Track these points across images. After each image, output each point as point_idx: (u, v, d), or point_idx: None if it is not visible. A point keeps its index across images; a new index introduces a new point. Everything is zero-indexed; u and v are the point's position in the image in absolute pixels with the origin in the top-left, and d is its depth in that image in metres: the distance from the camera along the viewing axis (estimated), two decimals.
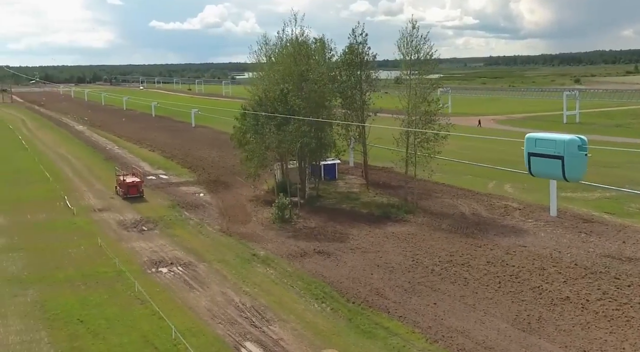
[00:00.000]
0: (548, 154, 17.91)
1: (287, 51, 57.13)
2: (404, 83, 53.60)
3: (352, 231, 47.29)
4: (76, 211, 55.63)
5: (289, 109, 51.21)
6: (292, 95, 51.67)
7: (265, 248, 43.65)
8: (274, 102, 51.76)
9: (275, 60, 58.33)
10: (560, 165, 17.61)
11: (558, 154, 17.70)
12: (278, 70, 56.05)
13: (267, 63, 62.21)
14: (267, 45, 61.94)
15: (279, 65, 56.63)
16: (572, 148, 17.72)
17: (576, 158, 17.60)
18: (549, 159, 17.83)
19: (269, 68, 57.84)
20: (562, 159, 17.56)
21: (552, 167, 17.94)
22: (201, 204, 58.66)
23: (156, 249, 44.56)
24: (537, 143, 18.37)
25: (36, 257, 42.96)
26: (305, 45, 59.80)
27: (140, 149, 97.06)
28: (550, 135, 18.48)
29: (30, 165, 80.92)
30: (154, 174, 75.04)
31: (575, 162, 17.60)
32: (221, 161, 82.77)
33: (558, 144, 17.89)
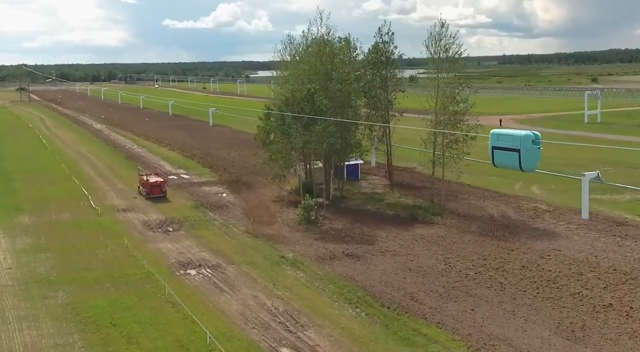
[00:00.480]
0: (507, 148, 20.38)
1: (312, 50, 56.47)
2: (432, 82, 52.79)
3: (379, 233, 46.72)
4: (100, 210, 55.39)
5: (315, 109, 50.65)
6: (319, 95, 51.08)
7: (294, 250, 43.17)
8: (301, 102, 51.22)
9: (300, 60, 57.71)
10: (517, 157, 19.88)
11: (515, 147, 20.03)
12: (303, 69, 55.44)
13: (291, 62, 61.67)
14: (291, 45, 61.37)
15: (305, 65, 56.03)
16: (527, 142, 20.06)
17: (530, 151, 19.83)
18: (508, 152, 20.19)
19: (295, 67, 57.22)
20: (519, 152, 19.82)
21: (511, 158, 20.30)
22: (225, 204, 58.27)
23: (183, 250, 44.19)
24: (499, 138, 20.84)
25: (64, 257, 42.70)
26: (330, 44, 59.24)
27: (159, 148, 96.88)
28: (509, 131, 20.70)
29: (52, 165, 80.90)
30: (175, 173, 74.76)
31: (529, 154, 19.82)
32: (241, 161, 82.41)
33: (515, 138, 20.11)
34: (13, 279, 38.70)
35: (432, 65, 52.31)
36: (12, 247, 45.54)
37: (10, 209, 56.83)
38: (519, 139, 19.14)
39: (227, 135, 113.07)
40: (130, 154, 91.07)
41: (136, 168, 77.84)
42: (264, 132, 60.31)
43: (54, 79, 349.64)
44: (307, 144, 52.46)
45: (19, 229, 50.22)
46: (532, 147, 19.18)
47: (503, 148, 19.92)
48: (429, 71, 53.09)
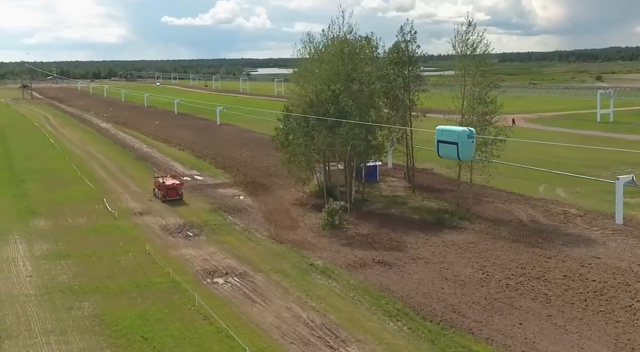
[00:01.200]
0: (449, 141, 23.41)
1: (334, 50, 55.10)
2: (457, 81, 51.46)
3: (407, 238, 45.46)
4: (117, 214, 54.04)
5: (340, 111, 49.31)
6: (343, 96, 49.73)
7: (322, 257, 41.88)
8: (326, 103, 49.88)
9: (321, 59, 56.34)
10: (456, 149, 23.06)
11: (454, 141, 23.04)
12: (325, 69, 54.07)
13: (309, 60, 60.28)
14: (311, 44, 60.01)
15: (326, 64, 54.66)
16: (464, 137, 23.00)
17: (466, 144, 23.05)
18: (449, 145, 23.33)
19: (317, 67, 55.82)
20: (457, 145, 22.94)
21: (451, 150, 23.47)
22: (243, 207, 56.98)
23: (207, 257, 42.92)
24: (443, 133, 23.90)
25: (85, 265, 41.41)
26: (350, 43, 57.94)
27: (169, 148, 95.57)
28: (450, 128, 24.17)
29: (62, 165, 79.55)
30: (188, 174, 73.41)
31: (465, 147, 23.12)
32: (254, 161, 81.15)
33: (454, 134, 23.17)
34: (35, 287, 37.41)
35: (459, 65, 50.91)
36: (31, 253, 44.25)
37: (24, 213, 55.52)
38: (457, 134, 23.19)
39: (236, 134, 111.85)
40: (140, 154, 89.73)
41: (148, 169, 76.70)
42: (283, 133, 59.03)
43: (54, 76, 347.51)
44: (330, 147, 51.08)
45: (35, 234, 48.91)
46: (467, 141, 23.04)
47: (446, 141, 23.70)
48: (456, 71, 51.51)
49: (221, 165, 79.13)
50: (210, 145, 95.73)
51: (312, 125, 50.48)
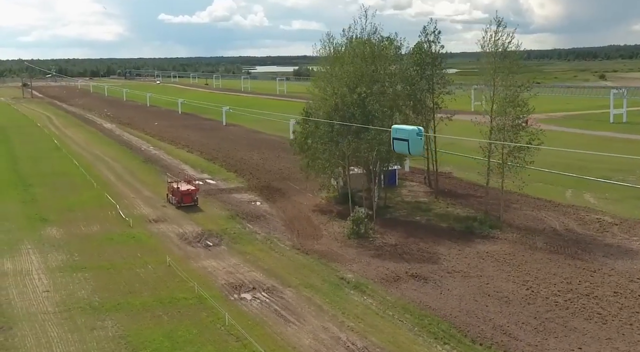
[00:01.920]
0: (401, 138, 26.61)
1: (357, 50, 53.00)
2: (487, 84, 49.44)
3: (439, 249, 43.54)
4: (132, 222, 52.01)
5: (366, 115, 47.30)
6: (369, 100, 47.68)
7: (352, 270, 39.93)
8: (351, 107, 47.85)
9: (343, 60, 54.21)
10: (407, 145, 26.46)
11: (405, 138, 26.33)
12: (348, 71, 51.98)
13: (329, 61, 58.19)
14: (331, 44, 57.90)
15: (348, 66, 52.60)
16: (413, 134, 26.16)
17: (415, 141, 26.23)
18: (402, 141, 26.53)
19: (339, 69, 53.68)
20: (408, 142, 26.28)
21: (403, 146, 26.77)
22: (261, 214, 55.00)
23: (230, 269, 40.94)
24: (396, 132, 27.15)
25: (103, 278, 39.41)
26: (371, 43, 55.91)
27: (177, 149, 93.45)
28: (403, 127, 27.68)
29: (69, 168, 77.41)
30: (199, 178, 71.32)
31: (415, 143, 26.30)
32: (266, 164, 79.16)
33: (406, 132, 26.50)
34: (53, 304, 35.41)
35: (489, 66, 48.87)
36: (45, 265, 42.24)
37: (35, 220, 53.47)
38: (408, 132, 27.12)
39: (243, 135, 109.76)
40: (148, 156, 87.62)
41: (158, 172, 74.84)
42: (302, 137, 57.10)
43: (53, 74, 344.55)
44: (355, 152, 49.08)
45: (48, 244, 46.90)
46: (416, 138, 26.91)
47: (399, 139, 27.46)
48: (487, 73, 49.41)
49: (233, 168, 77.07)
50: (219, 147, 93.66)
51: (337, 130, 48.38)
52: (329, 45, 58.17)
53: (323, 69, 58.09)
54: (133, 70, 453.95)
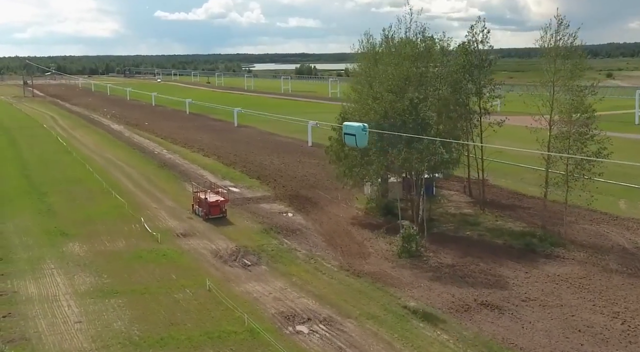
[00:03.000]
0: (350, 133, 30.57)
1: (404, 51, 49.25)
2: (545, 86, 45.73)
3: (503, 270, 39.87)
4: (160, 237, 48.19)
5: (420, 123, 43.53)
6: (422, 106, 43.90)
7: (413, 296, 36.19)
8: (403, 114, 44.07)
9: (387, 61, 50.52)
10: (354, 139, 30.42)
11: (353, 133, 30.32)
12: (392, 74, 48.21)
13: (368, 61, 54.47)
14: (370, 44, 54.30)
15: (393, 68, 48.85)
16: (359, 130, 30.06)
17: (361, 135, 30.13)
18: (350, 136, 30.59)
19: (382, 70, 49.96)
20: (355, 136, 30.26)
21: (352, 140, 30.73)
22: (297, 228, 51.27)
23: (278, 295, 37.17)
24: (346, 128, 31.39)
25: (139, 306, 35.62)
26: (413, 44, 52.21)
27: (192, 153, 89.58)
28: (351, 124, 31.62)
29: (83, 174, 73.49)
30: (222, 186, 67.50)
31: (360, 137, 30.19)
32: (288, 170, 75.45)
33: (353, 128, 30.46)
34: (88, 338, 31.61)
35: (549, 67, 45.11)
36: (73, 288, 38.44)
37: (54, 234, 49.64)
38: (355, 128, 30.04)
39: (257, 137, 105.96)
40: (163, 161, 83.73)
41: (177, 179, 71.26)
42: (339, 144, 53.36)
43: (52, 72, 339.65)
44: (406, 162, 45.34)
45: (73, 263, 43.10)
46: (362, 133, 29.80)
47: (348, 133, 30.67)
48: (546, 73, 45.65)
49: (254, 174, 73.29)
50: (235, 151, 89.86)
51: (387, 138, 44.61)
52: (367, 45, 54.57)
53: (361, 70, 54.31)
54: (133, 68, 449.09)
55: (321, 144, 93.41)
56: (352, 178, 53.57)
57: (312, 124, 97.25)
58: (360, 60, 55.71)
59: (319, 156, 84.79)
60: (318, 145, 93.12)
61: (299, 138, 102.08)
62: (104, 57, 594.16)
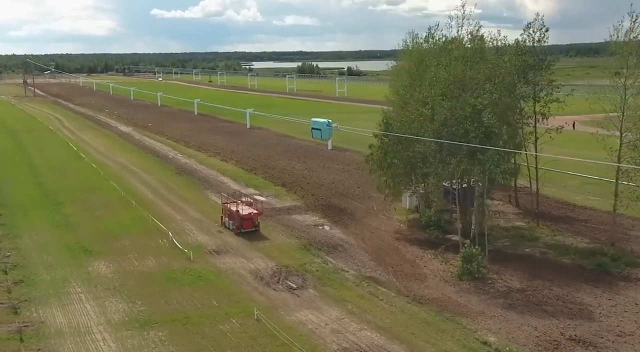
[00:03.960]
0: (316, 128, 45.36)
1: (459, 53, 45.34)
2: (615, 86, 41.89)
3: (582, 297, 36.06)
4: (192, 254, 44.19)
5: (484, 131, 39.55)
6: (486, 112, 39.93)
7: (490, 329, 32.27)
8: (464, 122, 40.11)
9: (437, 63, 46.61)
10: (320, 133, 46.53)
11: (319, 128, 45.23)
12: (444, 77, 44.31)
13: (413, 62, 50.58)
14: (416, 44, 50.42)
15: (444, 70, 44.97)
16: (324, 125, 45.33)
17: (326, 130, 46.41)
18: (317, 130, 45.22)
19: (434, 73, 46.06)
20: (320, 130, 45.88)
21: (318, 134, 46.21)
22: (338, 244, 47.36)
23: (335, 326, 33.24)
24: (313, 123, 45.90)
25: (182, 339, 31.71)
26: (461, 45, 48.39)
27: (209, 158, 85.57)
28: (318, 119, 47.36)
29: (98, 181, 69.40)
30: (245, 194, 63.57)
31: (325, 131, 46.92)
32: (313, 176, 71.55)
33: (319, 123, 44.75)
34: None
35: (621, 66, 41.20)
36: (105, 317, 34.45)
37: (77, 251, 45.65)
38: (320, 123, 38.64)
39: (273, 140, 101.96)
40: (180, 166, 79.70)
41: (197, 186, 67.57)
42: (382, 152, 49.61)
43: (52, 71, 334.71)
44: (466, 174, 41.42)
45: (101, 286, 39.13)
46: (326, 128, 38.45)
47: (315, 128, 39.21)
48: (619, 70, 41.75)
49: (278, 181, 69.33)
50: (253, 155, 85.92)
51: (448, 149, 40.66)
52: (412, 45, 50.67)
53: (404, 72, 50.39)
54: (132, 67, 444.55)
55: (342, 148, 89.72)
56: (394, 189, 49.91)
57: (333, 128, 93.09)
58: (403, 60, 51.78)
59: (342, 161, 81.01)
60: (339, 149, 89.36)
61: (318, 141, 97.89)
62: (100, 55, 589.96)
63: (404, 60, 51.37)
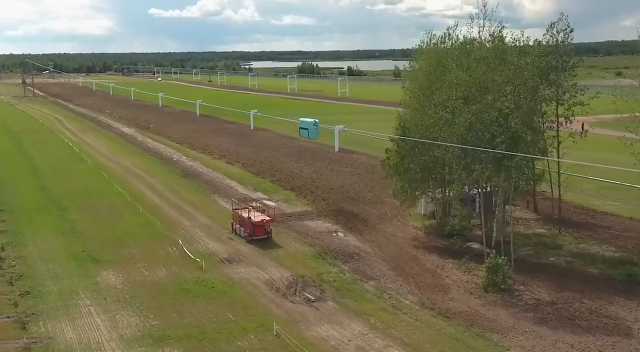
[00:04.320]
0: (304, 127, 68.98)
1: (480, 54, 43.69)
2: None
3: (617, 311, 34.53)
4: (204, 263, 42.53)
5: (511, 137, 37.91)
6: (513, 117, 38.30)
7: (524, 347, 30.75)
8: (490, 127, 38.46)
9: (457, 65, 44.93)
10: (307, 132, 69.54)
11: (306, 127, 68.28)
12: (465, 80, 42.65)
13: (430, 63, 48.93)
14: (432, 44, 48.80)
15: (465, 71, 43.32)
16: (311, 125, 67.63)
17: (313, 129, 69.02)
18: (304, 129, 68.76)
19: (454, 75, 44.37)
20: (308, 129, 69.23)
21: (305, 133, 68.68)
22: (354, 252, 45.73)
23: (359, 342, 31.64)
24: (301, 123, 70.68)
25: None
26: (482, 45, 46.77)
27: (214, 160, 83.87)
28: (305, 119, 71.06)
29: (102, 185, 67.70)
30: (255, 198, 61.91)
31: (312, 131, 69.61)
32: (321, 180, 69.90)
33: (307, 123, 67.33)
34: None
35: None
36: (117, 333, 32.80)
37: (84, 260, 43.96)
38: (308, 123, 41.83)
39: (278, 142, 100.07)
40: (184, 169, 78.00)
41: (204, 190, 66.03)
42: (399, 157, 48.03)
43: (51, 70, 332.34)
44: (488, 180, 39.80)
45: (111, 297, 37.45)
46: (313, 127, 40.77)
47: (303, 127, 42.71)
48: None
49: (287, 184, 67.70)
50: (259, 157, 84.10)
51: (474, 155, 39.02)
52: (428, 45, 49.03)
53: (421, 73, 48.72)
54: (131, 66, 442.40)
55: (349, 150, 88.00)
56: (411, 194, 48.36)
57: (340, 129, 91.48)
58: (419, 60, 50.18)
59: (350, 163, 79.30)
60: (346, 151, 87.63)
61: (323, 142, 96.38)
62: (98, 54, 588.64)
63: (421, 61, 49.62)
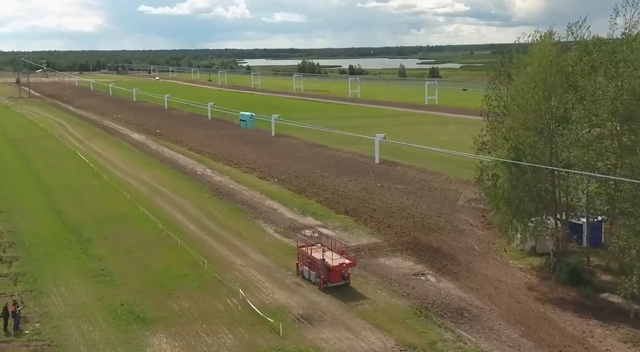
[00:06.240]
0: (243, 120, 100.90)
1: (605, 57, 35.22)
2: None
3: None
4: (281, 327, 33.23)
5: None
6: None
7: None
8: None
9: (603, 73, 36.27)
10: (246, 123, 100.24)
11: (245, 120, 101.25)
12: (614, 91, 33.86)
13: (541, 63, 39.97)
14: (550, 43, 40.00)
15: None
16: (248, 117, 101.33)
17: (249, 120, 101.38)
18: (243, 121, 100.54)
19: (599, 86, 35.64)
20: (245, 121, 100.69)
21: (244, 124, 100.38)
22: (462, 307, 36.63)
23: None
24: (241, 116, 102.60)
25: None
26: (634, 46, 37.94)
27: (244, 174, 74.69)
28: (245, 113, 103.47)
29: (126, 208, 58.32)
30: (303, 224, 53.00)
31: (249, 122, 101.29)
32: (375, 199, 61.11)
33: (245, 116, 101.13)
34: None
35: None
36: None
37: (126, 319, 34.70)
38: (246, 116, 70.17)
39: (307, 151, 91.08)
40: (215, 186, 68.59)
41: (244, 214, 56.91)
42: (510, 185, 39.22)
43: (44, 69, 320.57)
44: None
45: None
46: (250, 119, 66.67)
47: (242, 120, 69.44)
48: None
49: (338, 206, 58.80)
50: (294, 171, 75.14)
51: None
52: (548, 46, 40.02)
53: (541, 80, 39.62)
54: (126, 65, 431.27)
55: (390, 161, 79.21)
56: (524, 230, 39.57)
57: (380, 138, 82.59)
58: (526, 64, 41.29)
59: (399, 178, 70.59)
60: (387, 163, 78.96)
61: (356, 151, 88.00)
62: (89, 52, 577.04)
63: (531, 65, 40.60)
